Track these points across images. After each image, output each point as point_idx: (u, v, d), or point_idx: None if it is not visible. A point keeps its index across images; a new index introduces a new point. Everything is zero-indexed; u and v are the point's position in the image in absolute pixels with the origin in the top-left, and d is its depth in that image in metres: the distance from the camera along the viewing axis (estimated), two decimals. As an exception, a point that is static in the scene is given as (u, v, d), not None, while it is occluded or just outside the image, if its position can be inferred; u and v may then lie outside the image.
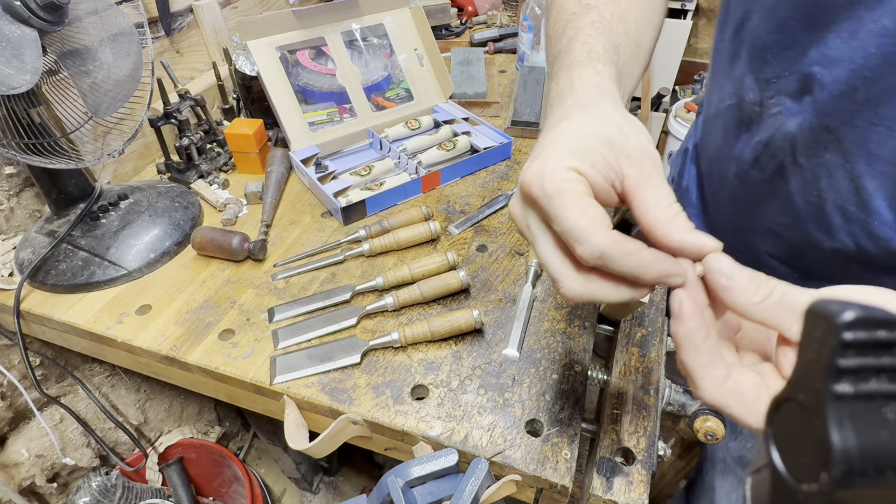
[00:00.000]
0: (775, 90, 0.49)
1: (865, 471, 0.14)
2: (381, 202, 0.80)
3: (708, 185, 0.67)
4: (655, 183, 0.31)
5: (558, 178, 0.31)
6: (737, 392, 0.28)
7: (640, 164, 0.31)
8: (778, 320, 0.28)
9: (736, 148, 0.56)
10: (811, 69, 0.44)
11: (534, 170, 0.32)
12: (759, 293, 0.28)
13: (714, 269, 0.29)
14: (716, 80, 0.60)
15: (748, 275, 0.29)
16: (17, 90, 0.57)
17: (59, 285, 0.68)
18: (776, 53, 0.47)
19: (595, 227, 0.29)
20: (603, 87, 0.37)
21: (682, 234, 0.30)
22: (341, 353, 0.58)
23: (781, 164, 0.51)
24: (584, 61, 0.39)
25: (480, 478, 0.44)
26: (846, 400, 0.15)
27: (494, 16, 1.49)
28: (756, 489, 0.19)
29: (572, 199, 0.30)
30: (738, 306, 0.29)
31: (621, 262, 0.29)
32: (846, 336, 0.15)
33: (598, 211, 0.30)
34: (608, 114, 0.34)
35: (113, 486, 0.94)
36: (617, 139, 0.32)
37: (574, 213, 0.29)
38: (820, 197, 0.49)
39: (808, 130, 0.47)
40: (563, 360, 0.58)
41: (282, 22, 0.87)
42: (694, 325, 0.29)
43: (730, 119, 0.57)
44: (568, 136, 0.33)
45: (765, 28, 0.48)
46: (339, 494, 1.34)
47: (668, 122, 2.21)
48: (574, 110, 0.35)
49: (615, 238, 0.29)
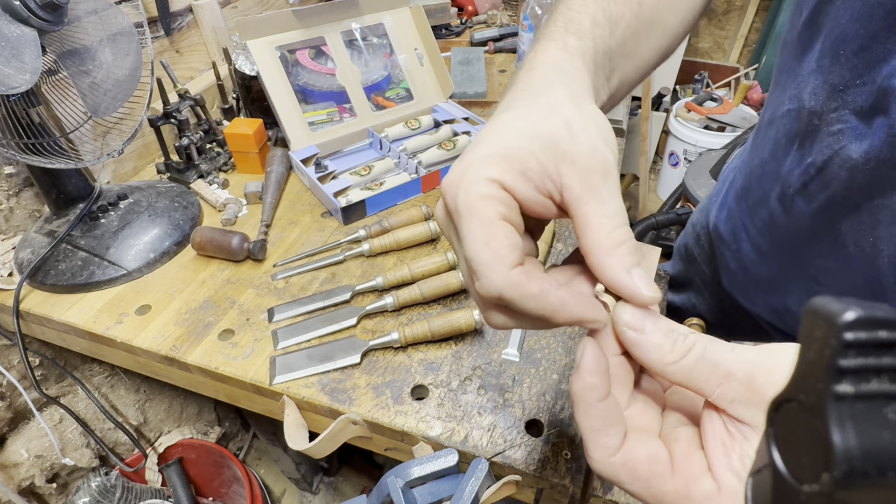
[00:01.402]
0: (840, 101, 0.39)
1: (866, 471, 0.14)
2: (381, 202, 0.80)
3: (741, 207, 0.58)
4: (600, 198, 0.26)
5: (473, 192, 0.26)
6: (626, 465, 0.25)
7: (585, 173, 0.26)
8: (699, 383, 0.24)
9: (784, 166, 0.47)
10: (891, 83, 0.35)
11: (454, 175, 0.28)
12: (676, 351, 0.24)
13: (620, 321, 0.25)
14: (779, 79, 0.49)
15: (663, 328, 0.25)
16: (16, 90, 0.57)
17: (58, 285, 0.68)
18: (851, 52, 0.37)
19: (495, 263, 0.25)
20: (564, 67, 0.31)
21: (617, 273, 0.25)
22: (341, 353, 0.58)
23: (833, 197, 0.42)
24: (558, 33, 0.34)
25: (480, 478, 0.44)
26: (847, 400, 0.15)
27: (494, 15, 1.49)
28: (757, 490, 0.19)
29: (480, 224, 0.26)
30: (651, 365, 0.25)
31: (522, 305, 0.26)
32: (847, 336, 0.15)
33: (504, 243, 0.26)
34: (558, 106, 0.28)
35: (112, 487, 0.94)
36: (561, 140, 0.27)
37: (476, 242, 0.26)
38: (875, 247, 0.40)
39: (874, 161, 0.37)
40: (563, 360, 0.58)
41: (281, 21, 0.87)
42: (590, 382, 0.25)
43: (783, 129, 0.47)
44: (502, 135, 0.28)
45: (847, 14, 0.37)
46: (339, 495, 1.34)
47: (669, 122, 2.21)
48: (521, 98, 0.30)
49: (516, 280, 0.25)
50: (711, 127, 2.12)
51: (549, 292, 0.26)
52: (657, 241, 1.69)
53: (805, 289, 0.51)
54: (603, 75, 0.35)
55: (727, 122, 2.09)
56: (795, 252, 0.50)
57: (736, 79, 2.43)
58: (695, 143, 2.08)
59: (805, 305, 0.17)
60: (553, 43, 0.33)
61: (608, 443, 0.25)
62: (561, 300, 0.26)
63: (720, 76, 2.48)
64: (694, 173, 1.68)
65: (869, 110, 0.37)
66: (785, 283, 0.54)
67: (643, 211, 2.29)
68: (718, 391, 0.23)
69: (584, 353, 0.26)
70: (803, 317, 0.17)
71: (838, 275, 0.45)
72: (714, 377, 0.23)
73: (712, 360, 0.24)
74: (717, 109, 2.10)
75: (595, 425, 0.25)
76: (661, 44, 0.40)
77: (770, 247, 0.54)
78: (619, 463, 0.25)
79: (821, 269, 0.47)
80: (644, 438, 0.26)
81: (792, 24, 0.47)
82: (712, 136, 2.06)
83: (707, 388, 0.24)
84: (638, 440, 0.26)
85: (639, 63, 0.39)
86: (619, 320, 0.26)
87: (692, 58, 2.56)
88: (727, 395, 0.23)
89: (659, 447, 0.26)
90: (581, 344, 0.26)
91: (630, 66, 0.38)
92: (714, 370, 0.23)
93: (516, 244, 0.26)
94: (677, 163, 2.21)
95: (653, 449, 0.25)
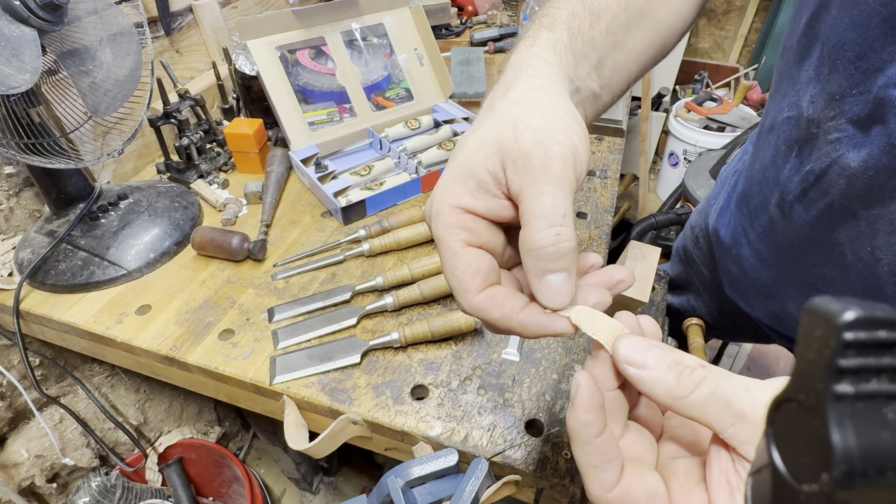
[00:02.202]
0: (838, 110, 0.39)
1: (866, 471, 0.14)
2: (381, 202, 0.80)
3: (741, 211, 0.58)
4: (533, 194, 0.26)
5: (441, 224, 0.28)
6: (624, 501, 0.25)
7: (524, 171, 0.26)
8: (710, 420, 0.23)
9: (783, 172, 0.47)
10: (887, 93, 0.35)
11: (428, 203, 0.30)
12: (682, 387, 0.23)
13: (620, 358, 0.25)
14: (779, 85, 0.49)
15: (667, 361, 0.24)
16: (16, 90, 0.57)
17: (58, 285, 0.68)
18: (848, 61, 0.37)
19: (464, 290, 0.28)
20: (528, 62, 0.32)
21: (528, 274, 0.27)
22: (341, 353, 0.58)
23: (831, 205, 0.42)
24: (532, 31, 0.35)
25: (480, 478, 0.44)
26: (847, 400, 0.15)
27: (494, 15, 1.49)
28: (756, 490, 0.19)
29: (447, 255, 0.28)
30: (657, 399, 0.24)
31: (490, 325, 0.28)
32: (847, 336, 0.15)
33: (467, 271, 0.28)
34: (510, 108, 0.29)
35: (112, 487, 0.94)
36: (507, 142, 0.27)
37: (447, 271, 0.28)
38: (873, 255, 0.40)
39: (872, 170, 0.37)
40: (563, 359, 0.58)
41: (282, 21, 0.87)
42: (584, 420, 0.25)
43: (783, 136, 0.47)
44: (457, 156, 0.30)
45: (844, 21, 0.37)
46: (339, 495, 1.34)
47: (669, 122, 2.21)
48: (482, 114, 0.31)
49: (479, 306, 0.28)
50: (711, 127, 2.12)
51: (510, 317, 0.27)
52: (657, 242, 1.69)
53: (804, 295, 0.51)
54: (587, 64, 0.35)
55: (727, 122, 2.09)
56: (795, 259, 0.49)
57: (736, 79, 2.43)
58: (694, 143, 2.08)
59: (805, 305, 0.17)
60: (524, 42, 0.34)
61: (605, 479, 0.25)
62: (521, 323, 0.27)
63: (720, 76, 2.48)
64: (694, 173, 1.68)
65: (866, 119, 0.37)
66: (784, 289, 0.54)
67: (643, 211, 2.29)
68: (731, 430, 0.22)
69: (578, 388, 0.25)
70: (803, 317, 0.17)
71: (837, 282, 0.45)
72: (726, 416, 0.22)
73: (725, 398, 0.22)
74: (717, 109, 2.10)
75: (592, 462, 0.25)
76: (656, 37, 0.40)
77: (770, 252, 0.54)
78: (616, 499, 0.25)
79: (819, 277, 0.47)
80: (642, 473, 0.26)
81: (791, 29, 0.46)
82: (712, 137, 2.06)
83: (718, 425, 0.23)
84: (635, 475, 0.25)
85: (633, 54, 0.38)
86: (619, 357, 0.25)
87: (692, 58, 2.56)
88: (740, 435, 0.22)
89: (657, 481, 0.25)
90: (575, 378, 0.26)
91: (622, 56, 0.38)
92: (727, 409, 0.22)
93: (479, 269, 0.28)
94: (677, 163, 2.21)
95: (650, 484, 0.25)
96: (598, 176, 0.87)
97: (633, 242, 0.70)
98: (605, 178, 0.86)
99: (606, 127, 0.97)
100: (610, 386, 0.27)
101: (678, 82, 2.44)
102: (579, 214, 0.78)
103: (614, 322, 0.28)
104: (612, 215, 0.78)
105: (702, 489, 0.24)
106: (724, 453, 0.24)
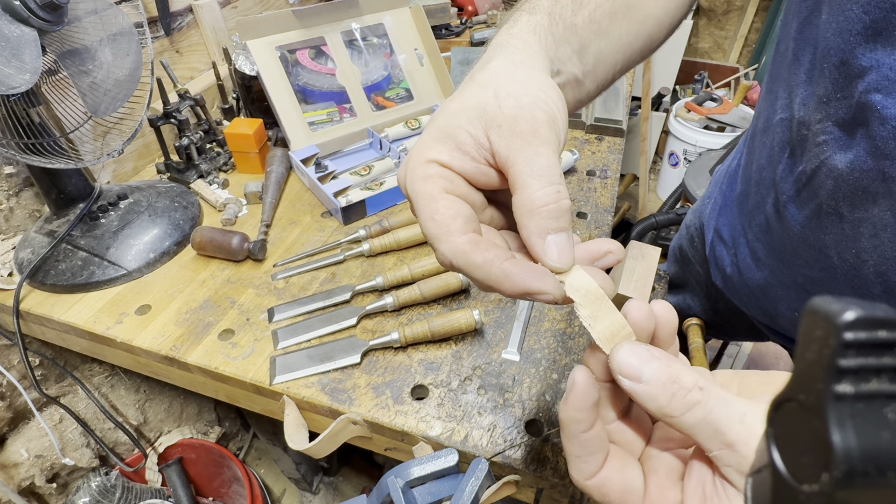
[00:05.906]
0: (825, 113, 0.39)
1: (866, 471, 0.14)
2: (381, 202, 0.80)
3: (741, 211, 0.59)
4: (525, 156, 0.26)
5: (417, 176, 0.28)
6: (600, 490, 0.26)
7: (511, 135, 0.26)
8: (699, 439, 0.23)
9: (778, 173, 0.48)
10: (868, 97, 0.35)
11: (402, 167, 0.29)
12: (673, 408, 0.23)
13: (616, 368, 0.24)
14: (771, 87, 0.50)
15: (663, 377, 0.23)
16: (16, 90, 0.57)
17: (58, 285, 0.68)
18: (833, 65, 0.38)
19: (442, 234, 0.26)
20: (508, 41, 0.33)
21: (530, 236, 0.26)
22: (341, 353, 0.58)
23: (820, 206, 0.42)
24: (513, 15, 0.35)
25: (480, 478, 0.44)
26: (847, 400, 0.15)
27: (494, 15, 1.49)
28: (757, 490, 0.19)
29: (425, 202, 0.27)
30: (647, 411, 0.24)
31: (470, 274, 0.26)
32: (847, 336, 0.15)
33: (447, 213, 0.27)
34: (491, 77, 0.29)
35: (112, 487, 0.94)
36: (489, 108, 0.27)
37: (425, 220, 0.27)
38: (858, 258, 0.41)
39: (858, 172, 0.38)
40: (563, 359, 0.58)
41: (282, 21, 0.87)
42: (574, 417, 0.25)
43: (777, 137, 0.48)
44: (443, 115, 0.29)
45: (832, 27, 0.37)
46: (339, 495, 1.34)
47: (669, 122, 2.21)
48: (463, 84, 0.31)
49: (461, 248, 0.26)
50: (711, 127, 2.12)
51: (493, 263, 0.25)
52: (657, 241, 1.69)
53: (794, 296, 0.52)
54: (568, 48, 0.35)
55: (727, 122, 2.09)
56: (786, 259, 0.50)
57: (736, 79, 2.43)
58: (694, 143, 2.08)
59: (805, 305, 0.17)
60: (505, 25, 0.35)
61: (585, 469, 0.26)
62: (504, 271, 0.25)
63: (720, 76, 2.48)
64: (694, 173, 1.68)
65: (851, 122, 0.38)
66: (776, 290, 0.54)
67: (643, 211, 2.29)
68: (717, 453, 0.22)
69: (573, 385, 0.25)
70: (803, 316, 0.17)
71: (824, 284, 0.45)
72: (715, 441, 0.22)
73: (716, 426, 0.22)
74: (717, 109, 2.10)
75: (576, 452, 0.26)
76: (643, 30, 0.40)
77: (764, 253, 0.54)
78: (593, 487, 0.26)
79: (808, 279, 0.48)
80: (622, 466, 0.27)
81: (784, 33, 0.47)
82: (712, 136, 2.06)
83: (706, 445, 0.23)
84: (616, 468, 0.26)
85: (618, 45, 0.39)
86: (614, 366, 0.24)
87: (692, 58, 2.56)
88: (725, 459, 0.22)
89: (635, 477, 0.26)
90: (572, 373, 0.26)
91: (607, 45, 0.38)
92: (716, 436, 0.22)
93: (460, 212, 0.27)
94: (677, 163, 2.21)
95: (628, 479, 0.26)
96: (598, 176, 0.86)
97: (633, 242, 0.70)
98: (605, 178, 0.86)
99: (606, 127, 0.97)
100: (608, 377, 0.27)
101: (678, 82, 2.44)
102: (579, 214, 0.78)
103: (617, 317, 0.26)
104: (612, 215, 0.78)
105: (678, 490, 0.25)
106: (706, 467, 0.24)
